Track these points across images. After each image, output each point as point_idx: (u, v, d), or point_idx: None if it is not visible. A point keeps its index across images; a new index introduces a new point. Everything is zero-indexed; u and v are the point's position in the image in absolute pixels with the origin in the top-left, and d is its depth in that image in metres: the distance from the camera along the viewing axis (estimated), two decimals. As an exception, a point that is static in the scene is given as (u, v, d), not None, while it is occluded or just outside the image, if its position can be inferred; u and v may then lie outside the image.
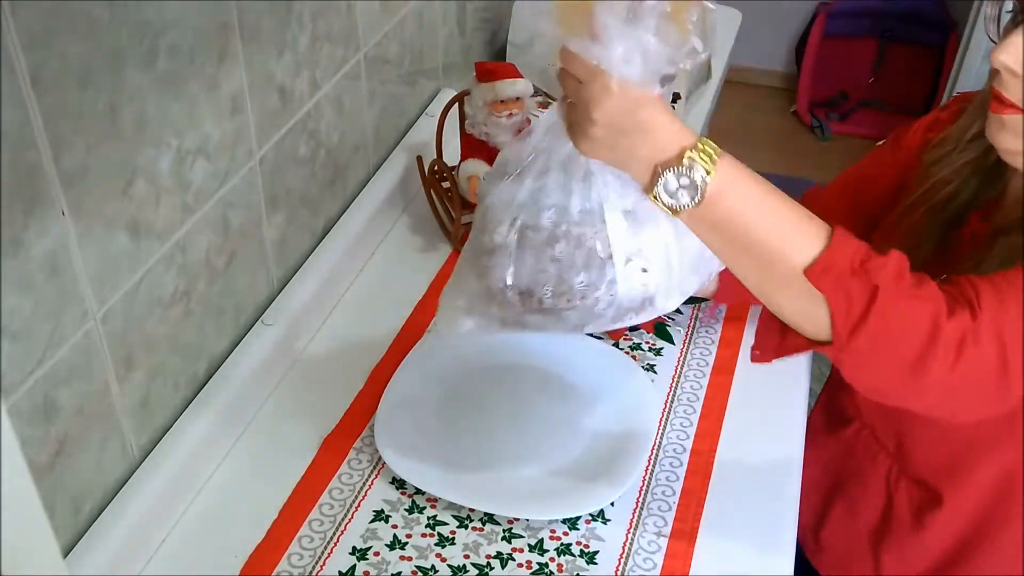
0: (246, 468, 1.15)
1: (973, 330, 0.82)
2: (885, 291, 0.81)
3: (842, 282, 0.81)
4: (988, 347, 0.82)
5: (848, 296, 0.81)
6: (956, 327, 0.82)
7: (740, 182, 0.83)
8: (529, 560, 1.05)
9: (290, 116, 1.26)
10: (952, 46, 3.49)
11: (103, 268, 0.95)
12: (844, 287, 0.81)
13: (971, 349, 0.82)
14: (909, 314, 0.82)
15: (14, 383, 0.86)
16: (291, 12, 1.21)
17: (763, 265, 0.84)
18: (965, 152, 1.05)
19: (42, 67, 0.82)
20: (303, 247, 1.37)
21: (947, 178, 1.06)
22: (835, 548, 1.23)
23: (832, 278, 0.81)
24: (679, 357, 1.31)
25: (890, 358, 0.84)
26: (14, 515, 0.53)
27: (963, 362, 0.82)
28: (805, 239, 0.82)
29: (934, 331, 0.81)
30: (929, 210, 1.07)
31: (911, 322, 0.82)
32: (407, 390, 1.20)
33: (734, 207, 0.83)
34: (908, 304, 0.82)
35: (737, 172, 0.83)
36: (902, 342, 0.82)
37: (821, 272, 0.81)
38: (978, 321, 0.82)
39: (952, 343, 0.82)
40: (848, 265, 0.81)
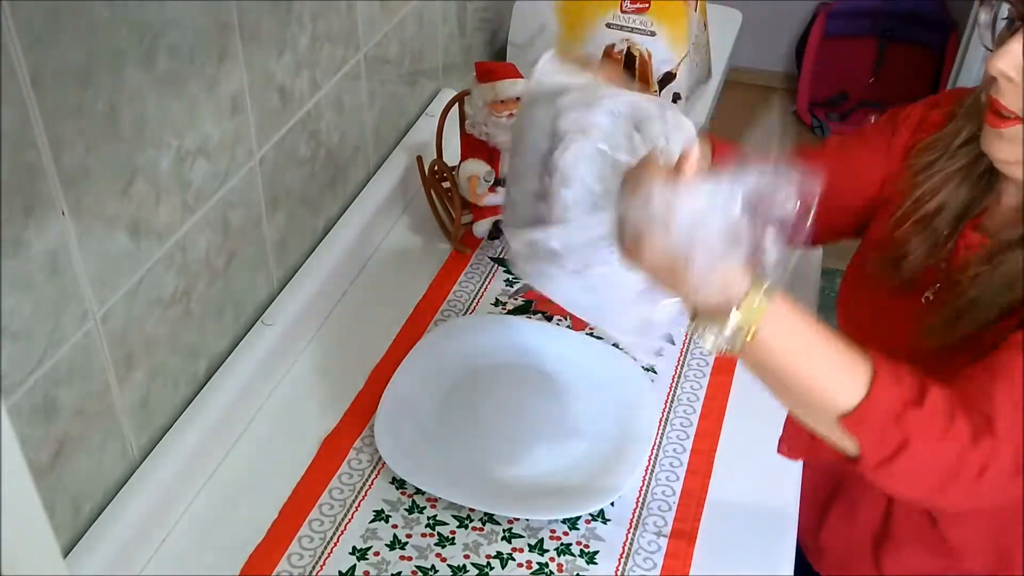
0: (246, 468, 1.15)
1: (994, 453, 0.84)
2: (916, 441, 0.83)
3: (876, 431, 0.84)
4: (1004, 459, 0.85)
5: (881, 442, 0.84)
6: (979, 457, 0.84)
7: (786, 329, 0.83)
8: (529, 560, 1.05)
9: (290, 116, 1.26)
10: (952, 46, 3.48)
11: (103, 268, 0.95)
12: (877, 434, 0.84)
13: (992, 471, 0.85)
14: (936, 455, 0.85)
15: (14, 383, 0.86)
16: (291, 12, 1.21)
17: (801, 404, 0.87)
18: (954, 159, 1.04)
19: (42, 67, 0.82)
20: (303, 247, 1.37)
21: (935, 187, 1.05)
22: (835, 550, 1.23)
23: (867, 428, 0.84)
24: (679, 357, 1.31)
25: (914, 484, 0.88)
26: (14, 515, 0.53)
27: (984, 483, 0.85)
28: (845, 386, 0.84)
29: (958, 466, 0.84)
30: (918, 221, 1.06)
31: (937, 461, 0.85)
32: (407, 390, 1.20)
33: (776, 353, 0.84)
34: (936, 447, 0.84)
35: (784, 319, 0.83)
36: (926, 475, 0.86)
37: (856, 422, 0.84)
38: (997, 442, 0.84)
39: (975, 472, 0.85)
40: (883, 417, 0.84)
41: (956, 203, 1.04)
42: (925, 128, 1.10)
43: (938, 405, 0.85)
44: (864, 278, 1.12)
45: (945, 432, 0.85)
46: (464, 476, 1.11)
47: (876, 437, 0.84)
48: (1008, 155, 0.94)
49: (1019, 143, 0.92)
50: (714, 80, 1.96)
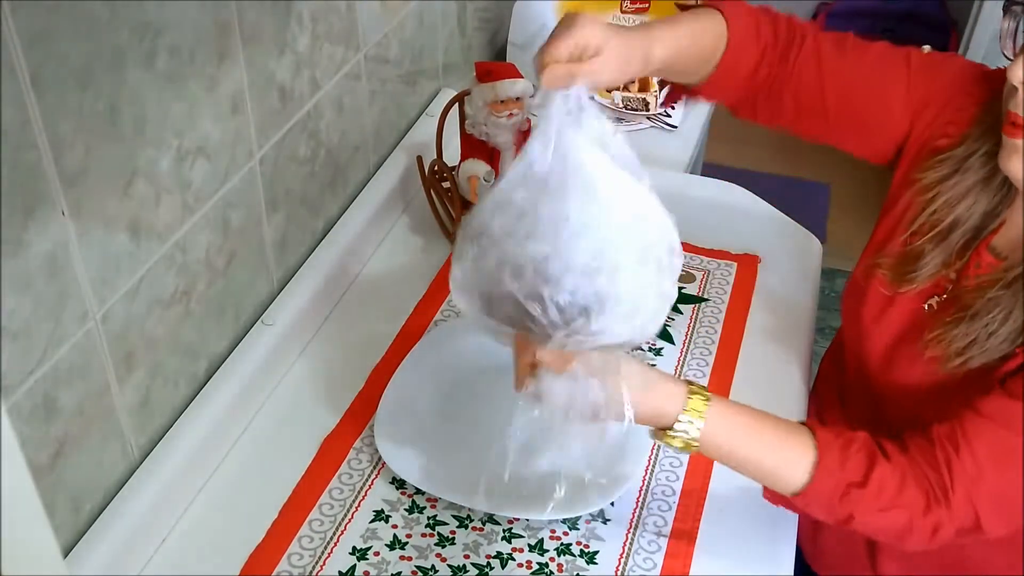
0: (246, 468, 1.15)
1: (948, 517, 0.93)
2: (860, 516, 0.95)
3: (822, 507, 0.97)
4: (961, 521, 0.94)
5: (830, 512, 0.97)
6: (930, 522, 0.94)
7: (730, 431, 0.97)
8: (529, 560, 1.05)
9: (290, 116, 1.26)
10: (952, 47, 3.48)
11: (103, 268, 0.95)
12: (827, 510, 0.97)
13: (945, 532, 0.94)
14: (886, 523, 0.96)
15: (14, 383, 0.86)
16: (291, 12, 1.21)
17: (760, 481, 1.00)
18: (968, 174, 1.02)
19: (42, 67, 0.82)
20: (303, 247, 1.37)
21: (950, 202, 1.03)
22: (834, 551, 1.23)
23: (816, 506, 0.97)
24: (679, 357, 1.31)
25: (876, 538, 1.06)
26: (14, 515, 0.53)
27: (937, 540, 0.95)
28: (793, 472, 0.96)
29: (909, 529, 0.95)
30: (932, 238, 1.04)
31: (888, 527, 0.96)
32: (407, 390, 1.20)
33: (724, 446, 0.97)
34: (885, 517, 0.95)
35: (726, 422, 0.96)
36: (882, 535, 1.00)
37: (806, 503, 0.97)
38: (951, 507, 0.93)
39: (927, 532, 0.94)
40: (828, 497, 0.95)
41: (973, 216, 1.02)
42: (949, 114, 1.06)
43: (884, 482, 0.94)
44: (868, 284, 1.12)
45: (892, 503, 0.94)
46: (464, 476, 1.11)
47: (825, 512, 0.97)
48: None
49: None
50: (714, 80, 1.95)
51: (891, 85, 1.10)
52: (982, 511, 0.93)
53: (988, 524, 0.93)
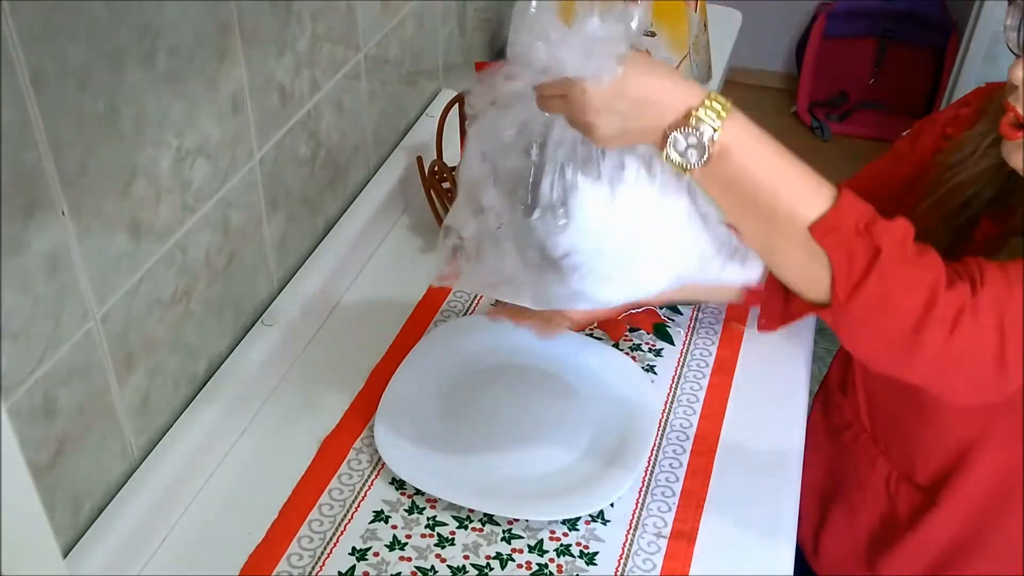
0: (246, 468, 1.15)
1: (972, 305, 0.82)
2: (887, 254, 0.81)
3: (846, 241, 0.82)
4: (986, 326, 0.82)
5: (850, 255, 0.82)
6: (953, 299, 0.82)
7: (749, 139, 0.84)
8: (529, 561, 1.05)
9: (290, 116, 1.26)
10: (952, 47, 3.48)
11: (103, 268, 0.95)
12: (847, 246, 0.82)
13: (967, 324, 0.82)
14: (908, 280, 0.82)
15: (14, 383, 0.86)
16: (291, 12, 1.21)
17: (770, 222, 0.84)
18: (984, 158, 1.02)
19: (42, 67, 0.82)
20: (303, 247, 1.37)
21: (963, 184, 1.04)
22: (834, 552, 1.23)
23: (836, 237, 0.82)
24: (679, 358, 1.31)
25: (886, 324, 0.84)
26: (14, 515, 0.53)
27: (958, 336, 0.82)
28: (812, 197, 0.83)
29: (931, 300, 0.82)
30: (944, 215, 1.05)
31: (909, 288, 0.82)
32: (407, 390, 1.20)
33: (743, 163, 0.83)
34: (908, 270, 0.82)
35: (746, 129, 0.84)
36: (898, 308, 0.83)
37: (826, 230, 0.82)
38: (977, 297, 0.82)
39: (948, 315, 0.82)
40: (853, 225, 0.82)
41: (981, 201, 1.03)
42: (956, 124, 1.09)
43: (909, 229, 0.84)
44: None
45: (918, 255, 0.83)
46: (464, 477, 1.11)
47: (846, 249, 0.82)
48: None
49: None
50: (714, 81, 1.96)
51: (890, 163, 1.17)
52: (1008, 329, 0.82)
53: (1012, 354, 0.83)
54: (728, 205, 0.87)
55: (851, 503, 1.18)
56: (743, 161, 0.83)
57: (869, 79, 3.79)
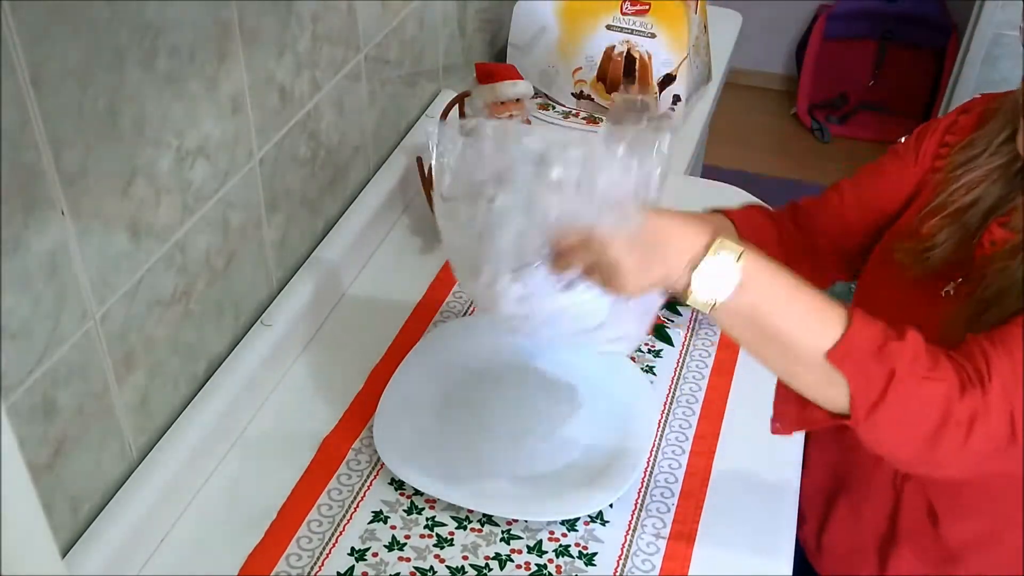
0: (245, 468, 1.15)
1: (984, 406, 0.85)
2: (901, 375, 0.85)
3: (862, 365, 0.85)
4: (997, 418, 0.86)
5: (867, 378, 0.85)
6: (967, 407, 0.85)
7: (766, 271, 0.87)
8: (528, 561, 1.05)
9: (290, 116, 1.26)
10: (952, 48, 3.48)
11: (103, 268, 0.95)
12: (864, 370, 0.85)
13: (981, 425, 0.86)
14: (923, 397, 0.86)
15: (13, 383, 0.86)
16: (291, 12, 1.21)
17: (789, 351, 0.88)
18: (993, 157, 1.04)
19: (42, 67, 0.82)
20: (303, 247, 1.37)
21: (971, 183, 1.05)
22: (837, 550, 1.23)
23: (853, 361, 0.85)
24: (678, 359, 1.31)
25: (905, 435, 0.88)
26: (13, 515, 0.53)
27: (974, 438, 0.86)
28: (827, 325, 0.86)
29: (946, 413, 0.85)
30: (949, 215, 1.06)
31: (925, 404, 0.86)
32: (407, 390, 1.20)
33: (763, 295, 0.87)
34: (922, 387, 0.86)
35: (762, 262, 0.87)
36: (916, 422, 0.87)
37: (843, 356, 0.85)
38: (988, 396, 0.86)
39: (963, 422, 0.85)
40: (868, 348, 0.86)
41: (990, 198, 1.05)
42: (956, 131, 1.11)
43: (919, 343, 0.87)
44: (885, 270, 1.13)
45: (930, 370, 0.86)
46: (463, 477, 1.11)
47: (863, 372, 0.85)
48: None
49: None
50: (714, 82, 1.96)
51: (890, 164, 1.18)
52: (1018, 414, 0.86)
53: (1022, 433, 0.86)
54: (748, 337, 0.90)
55: (856, 502, 1.18)
56: (763, 291, 0.87)
57: (869, 81, 3.79)
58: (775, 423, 0.98)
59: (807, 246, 1.20)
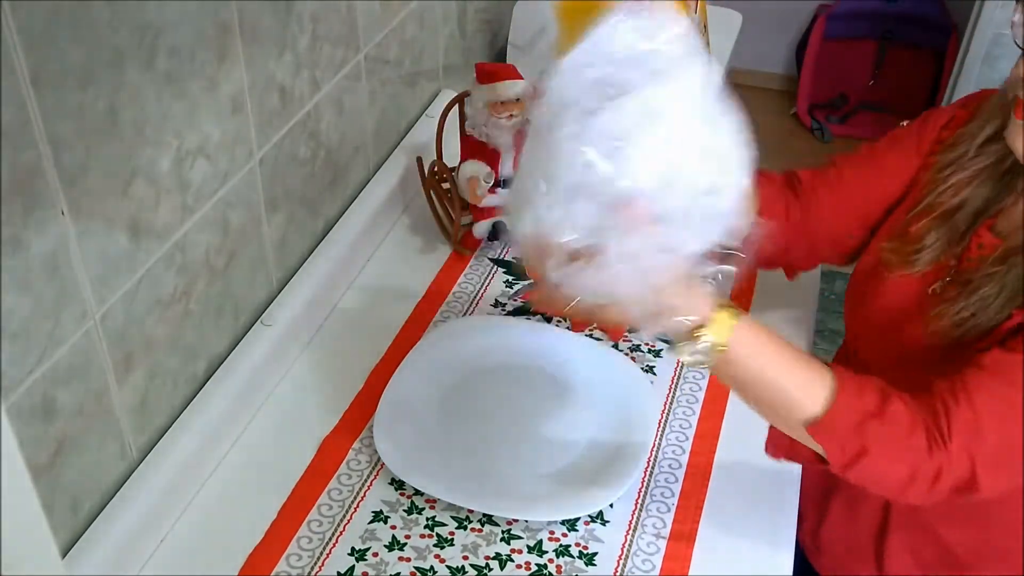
0: (245, 468, 1.15)
1: (947, 462, 0.91)
2: (874, 451, 0.91)
3: (836, 439, 0.92)
4: (959, 469, 0.91)
5: (842, 450, 0.92)
6: (933, 465, 0.91)
7: (755, 347, 0.92)
8: (528, 561, 1.05)
9: (290, 116, 1.26)
10: (952, 48, 3.48)
11: (103, 268, 0.95)
12: (838, 443, 0.92)
13: (946, 477, 0.92)
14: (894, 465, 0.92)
15: (13, 383, 0.86)
16: (291, 12, 1.21)
17: (772, 413, 0.96)
18: (978, 158, 1.04)
19: (42, 67, 0.82)
20: (303, 247, 1.37)
21: (959, 184, 1.05)
22: (835, 548, 1.23)
23: (829, 437, 0.92)
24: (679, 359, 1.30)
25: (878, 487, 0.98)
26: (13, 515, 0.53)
27: (939, 487, 0.92)
28: (809, 397, 0.92)
29: (914, 474, 0.92)
30: (938, 216, 1.06)
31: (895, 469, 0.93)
32: (407, 390, 1.20)
33: (748, 367, 0.92)
34: (894, 458, 0.92)
35: (752, 337, 0.92)
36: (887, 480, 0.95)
37: (820, 431, 0.92)
38: (950, 452, 0.91)
39: (930, 479, 0.92)
40: (845, 427, 0.92)
41: (977, 200, 1.05)
42: (953, 125, 1.11)
43: (898, 418, 0.92)
44: (873, 269, 1.13)
45: (903, 443, 0.92)
46: (463, 477, 1.11)
47: (838, 445, 0.92)
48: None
49: None
50: (714, 82, 1.95)
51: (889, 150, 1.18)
52: (979, 465, 0.91)
53: (984, 480, 0.92)
54: (738, 392, 0.97)
55: (851, 499, 1.18)
56: (748, 364, 0.92)
57: (869, 81, 3.79)
58: (768, 445, 1.03)
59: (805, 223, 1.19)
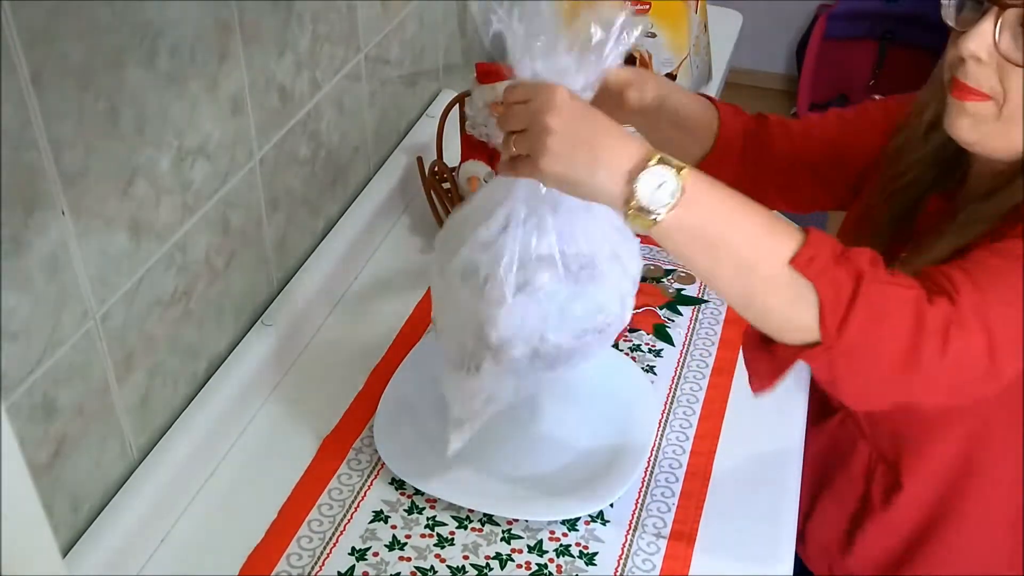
0: (245, 468, 1.15)
1: (956, 315, 0.82)
2: (868, 277, 0.81)
3: (828, 270, 0.82)
4: (974, 331, 0.82)
5: (835, 283, 0.81)
6: (938, 313, 0.82)
7: (711, 185, 0.83)
8: (528, 561, 1.05)
9: (290, 116, 1.26)
10: (952, 48, 3.48)
11: (103, 268, 0.95)
12: (830, 274, 0.81)
13: (957, 334, 0.82)
14: (893, 300, 0.82)
15: (13, 382, 0.86)
16: (292, 12, 1.21)
17: (746, 267, 0.84)
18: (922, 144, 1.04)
19: (42, 67, 0.82)
20: (303, 247, 1.37)
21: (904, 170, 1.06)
22: (819, 540, 1.23)
23: (818, 266, 0.81)
24: (679, 358, 1.31)
25: (880, 349, 0.83)
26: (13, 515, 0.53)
27: (951, 348, 0.82)
28: (784, 235, 0.83)
29: (919, 318, 0.82)
30: (888, 198, 1.07)
31: (896, 308, 0.82)
32: (407, 390, 1.20)
33: (712, 208, 0.83)
34: (890, 290, 0.82)
35: (705, 177, 0.83)
36: (890, 330, 0.82)
37: (807, 261, 0.81)
38: (958, 306, 0.82)
39: (938, 329, 0.82)
40: (830, 254, 0.82)
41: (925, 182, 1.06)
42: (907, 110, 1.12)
43: (877, 255, 0.84)
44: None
45: (893, 275, 0.83)
46: (463, 477, 1.11)
47: (830, 275, 0.81)
48: (971, 134, 0.93)
49: (984, 121, 0.92)
50: (714, 82, 1.96)
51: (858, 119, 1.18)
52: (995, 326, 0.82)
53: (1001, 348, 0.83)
54: (700, 256, 0.84)
55: (837, 491, 1.19)
56: (711, 204, 0.83)
57: (869, 81, 3.79)
58: (753, 381, 0.94)
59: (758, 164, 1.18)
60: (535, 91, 0.84)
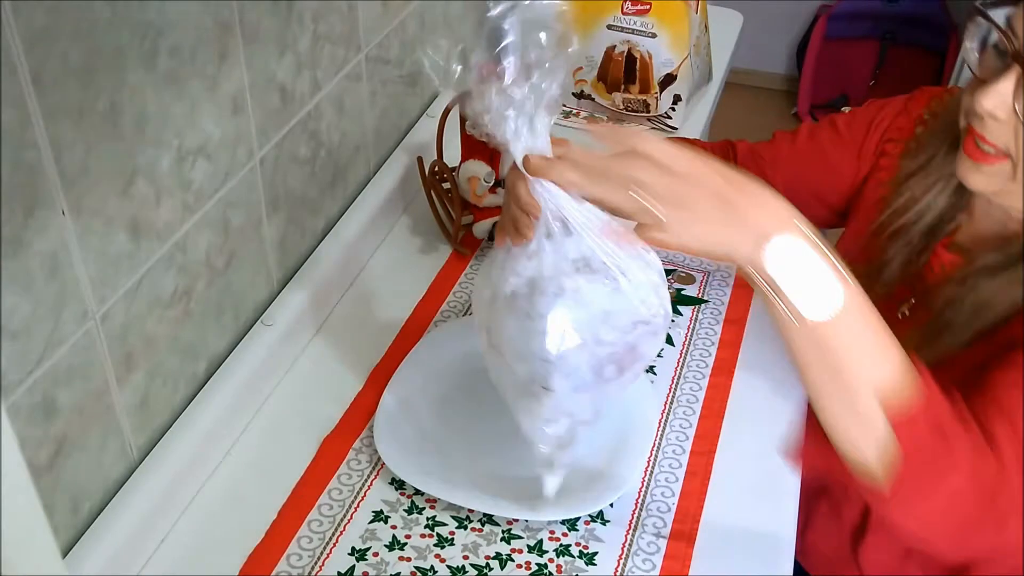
0: (245, 468, 1.15)
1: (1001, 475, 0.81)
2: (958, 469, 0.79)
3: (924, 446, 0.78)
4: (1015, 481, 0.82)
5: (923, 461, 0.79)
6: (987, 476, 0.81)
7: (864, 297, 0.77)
8: (528, 561, 1.05)
9: (291, 116, 1.26)
10: (953, 49, 3.48)
11: (103, 268, 0.95)
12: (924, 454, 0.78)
13: (1003, 497, 0.81)
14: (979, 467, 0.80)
15: (13, 382, 0.86)
16: (292, 12, 1.21)
17: (848, 397, 0.80)
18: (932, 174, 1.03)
19: (42, 67, 0.82)
20: (303, 247, 1.37)
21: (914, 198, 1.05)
22: (821, 550, 1.23)
23: (914, 435, 0.78)
24: (679, 358, 1.31)
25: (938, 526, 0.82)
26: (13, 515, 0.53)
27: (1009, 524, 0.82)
28: (900, 380, 0.78)
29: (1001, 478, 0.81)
30: (893, 235, 1.06)
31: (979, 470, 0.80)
32: (407, 390, 1.20)
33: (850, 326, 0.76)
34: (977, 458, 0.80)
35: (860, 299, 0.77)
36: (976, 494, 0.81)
37: (906, 423, 0.77)
38: (1003, 462, 0.81)
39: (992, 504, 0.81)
40: (931, 425, 0.78)
41: (932, 215, 1.04)
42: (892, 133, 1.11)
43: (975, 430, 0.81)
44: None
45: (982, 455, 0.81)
46: (463, 477, 1.11)
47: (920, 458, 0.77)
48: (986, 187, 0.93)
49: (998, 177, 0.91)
50: (715, 82, 1.96)
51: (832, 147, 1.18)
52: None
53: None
54: (811, 366, 0.79)
55: (835, 499, 1.19)
56: (851, 323, 0.76)
57: (870, 81, 3.79)
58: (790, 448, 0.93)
59: None
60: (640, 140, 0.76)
